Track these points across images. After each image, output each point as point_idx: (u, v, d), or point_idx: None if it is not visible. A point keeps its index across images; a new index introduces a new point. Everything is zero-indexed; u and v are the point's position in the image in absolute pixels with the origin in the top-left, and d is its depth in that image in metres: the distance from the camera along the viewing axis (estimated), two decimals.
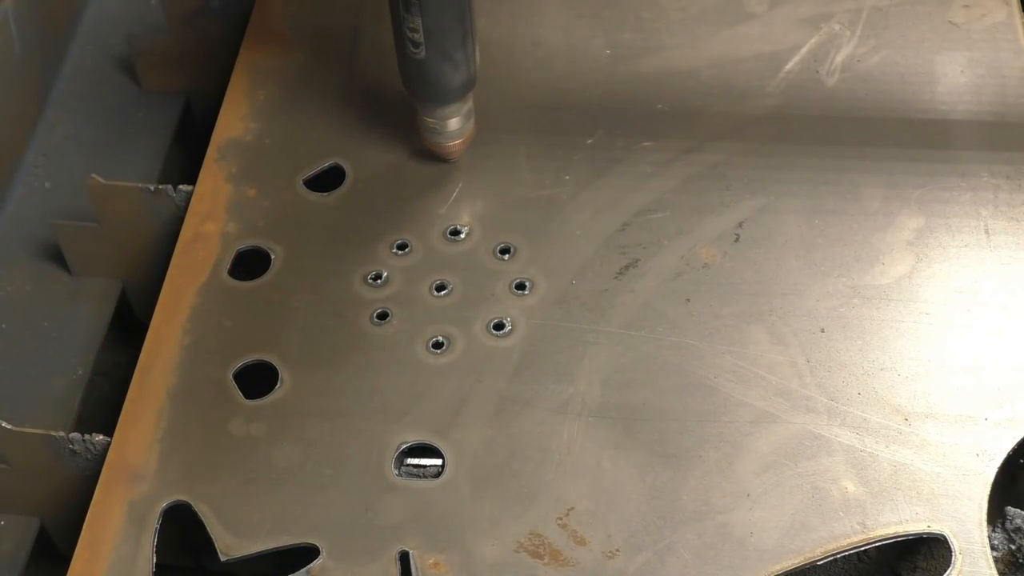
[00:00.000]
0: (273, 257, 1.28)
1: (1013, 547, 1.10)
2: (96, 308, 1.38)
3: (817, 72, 1.40)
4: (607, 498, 1.10)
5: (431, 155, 1.34)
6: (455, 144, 1.31)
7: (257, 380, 1.20)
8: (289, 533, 1.09)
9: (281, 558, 1.09)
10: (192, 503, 1.11)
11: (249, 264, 1.29)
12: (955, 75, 1.39)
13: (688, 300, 1.22)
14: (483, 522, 1.09)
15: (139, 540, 1.10)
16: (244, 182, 1.35)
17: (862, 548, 1.07)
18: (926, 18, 1.45)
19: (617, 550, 1.07)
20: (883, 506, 1.08)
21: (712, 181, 1.31)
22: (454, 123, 1.29)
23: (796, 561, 1.06)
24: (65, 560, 1.10)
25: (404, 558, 1.07)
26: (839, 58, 1.41)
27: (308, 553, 1.08)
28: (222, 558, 1.09)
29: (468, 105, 1.30)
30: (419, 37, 1.20)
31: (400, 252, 1.28)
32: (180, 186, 1.34)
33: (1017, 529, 1.10)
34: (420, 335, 1.21)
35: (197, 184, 1.34)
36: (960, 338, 1.18)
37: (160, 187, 1.34)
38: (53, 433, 1.18)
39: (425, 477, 1.13)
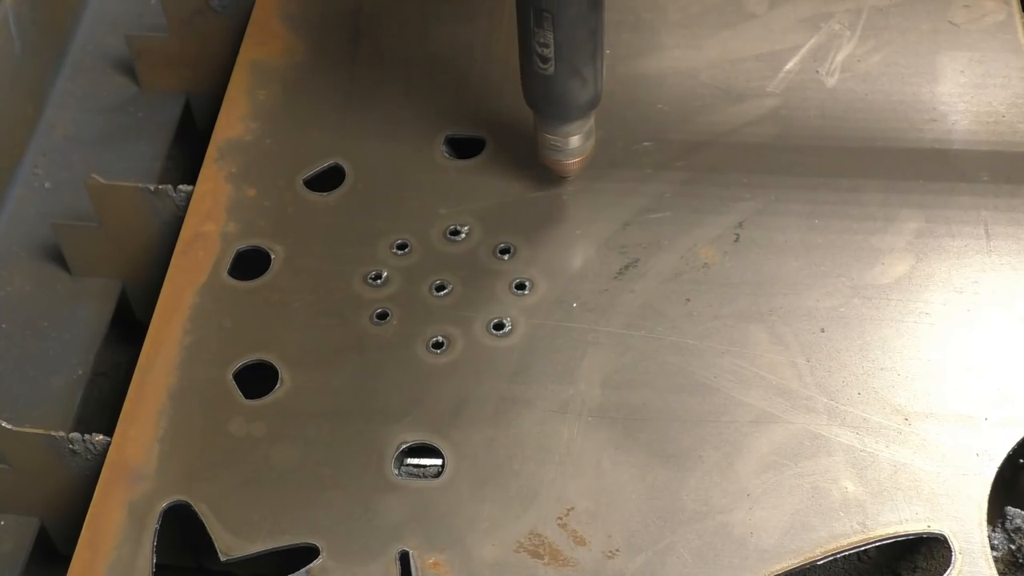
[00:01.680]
0: (273, 257, 1.28)
1: (1013, 547, 1.10)
2: (96, 308, 1.38)
3: (817, 72, 1.40)
4: (607, 498, 1.10)
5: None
6: (574, 162, 1.27)
7: (257, 380, 1.20)
8: (289, 533, 1.09)
9: (281, 558, 1.09)
10: (192, 503, 1.11)
11: (249, 264, 1.29)
12: (955, 75, 1.39)
13: (688, 300, 1.22)
14: (483, 522, 1.09)
15: (139, 540, 1.10)
16: (244, 182, 1.35)
17: (862, 548, 1.07)
18: (926, 18, 1.45)
19: (617, 550, 1.07)
20: (883, 506, 1.08)
21: (712, 181, 1.31)
22: (575, 140, 1.25)
23: (796, 561, 1.06)
24: (65, 560, 1.10)
25: (404, 558, 1.07)
26: (839, 58, 1.41)
27: (308, 553, 1.08)
28: (222, 558, 1.09)
29: (590, 123, 1.25)
30: (549, 52, 1.15)
31: (400, 252, 1.28)
32: (180, 186, 1.34)
33: (1017, 529, 1.10)
34: (420, 335, 1.21)
35: (197, 184, 1.34)
36: (960, 338, 1.18)
37: (160, 187, 1.34)
38: (53, 433, 1.18)
39: (425, 477, 1.13)
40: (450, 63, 1.44)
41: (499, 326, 1.21)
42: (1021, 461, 1.16)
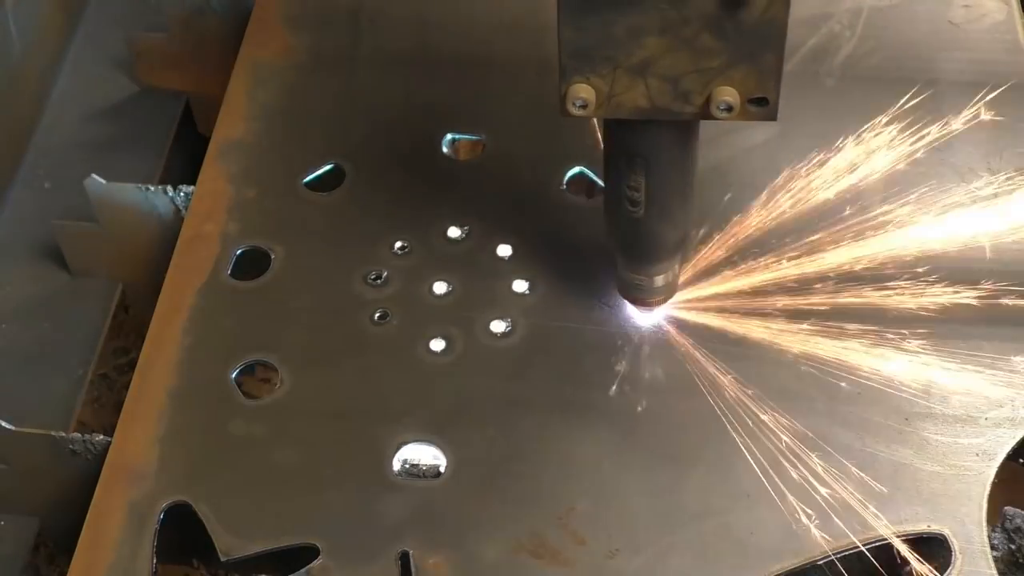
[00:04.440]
0: (273, 257, 1.28)
1: (1013, 547, 1.10)
2: (96, 308, 1.38)
3: (817, 72, 1.40)
4: (607, 498, 1.10)
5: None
6: (657, 300, 1.20)
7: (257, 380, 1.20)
8: (289, 533, 1.09)
9: (281, 558, 1.09)
10: (192, 503, 1.11)
11: (249, 264, 1.29)
12: (955, 75, 1.39)
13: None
14: (483, 522, 1.09)
15: (139, 540, 1.09)
16: (244, 182, 1.35)
17: (862, 548, 1.07)
18: (926, 18, 1.45)
19: (617, 550, 1.07)
20: (883, 506, 1.08)
21: (712, 181, 1.31)
22: (660, 280, 1.17)
23: (796, 561, 1.06)
24: (65, 560, 1.10)
25: (404, 558, 1.07)
26: (839, 58, 1.41)
27: (308, 553, 1.08)
28: (222, 558, 1.08)
29: (677, 261, 1.18)
30: (639, 196, 1.08)
31: (400, 252, 1.28)
32: (180, 186, 1.34)
33: (1017, 529, 1.10)
34: (420, 335, 1.21)
35: (197, 184, 1.34)
36: (960, 338, 1.18)
37: (160, 187, 1.34)
38: (53, 433, 1.18)
39: (425, 477, 1.13)
40: (450, 63, 1.44)
41: (499, 326, 1.21)
42: (1021, 461, 1.16)
